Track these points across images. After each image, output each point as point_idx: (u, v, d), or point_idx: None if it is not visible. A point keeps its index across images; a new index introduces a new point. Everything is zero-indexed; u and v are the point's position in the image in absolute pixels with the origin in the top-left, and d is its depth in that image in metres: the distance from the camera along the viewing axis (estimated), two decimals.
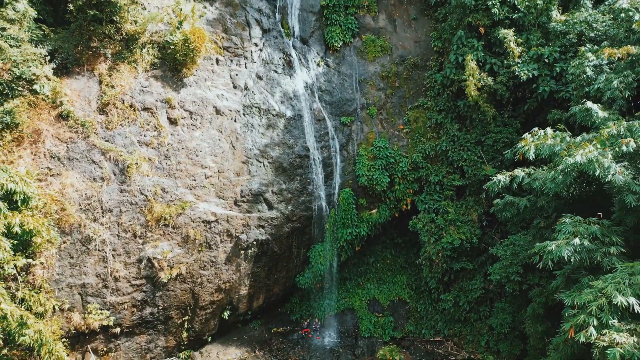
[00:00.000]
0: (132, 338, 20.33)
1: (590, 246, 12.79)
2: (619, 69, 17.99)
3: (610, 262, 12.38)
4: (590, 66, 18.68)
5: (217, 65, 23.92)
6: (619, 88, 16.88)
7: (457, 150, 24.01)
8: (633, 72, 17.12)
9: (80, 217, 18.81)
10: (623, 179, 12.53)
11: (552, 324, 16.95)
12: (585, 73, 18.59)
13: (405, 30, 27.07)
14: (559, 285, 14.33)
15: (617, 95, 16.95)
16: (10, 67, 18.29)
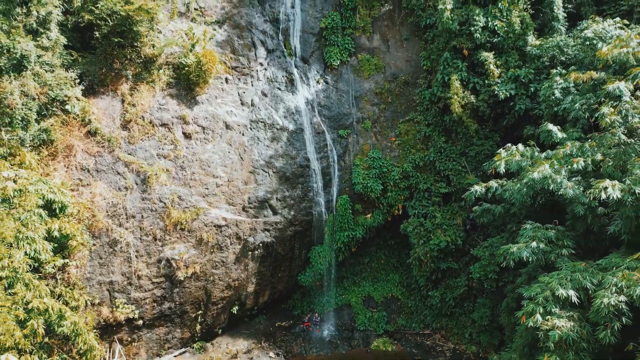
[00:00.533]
0: (153, 330, 22.82)
1: (546, 248, 15.28)
2: (583, 91, 20.43)
3: (562, 262, 14.84)
4: (558, 88, 21.17)
5: (226, 83, 26.40)
6: (582, 109, 19.34)
7: (443, 161, 26.49)
8: (594, 95, 19.57)
9: (107, 222, 21.31)
10: (573, 192, 14.99)
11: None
12: (554, 94, 21.07)
13: (397, 50, 29.56)
14: (522, 281, 16.79)
15: (580, 115, 19.42)
16: (47, 90, 20.83)
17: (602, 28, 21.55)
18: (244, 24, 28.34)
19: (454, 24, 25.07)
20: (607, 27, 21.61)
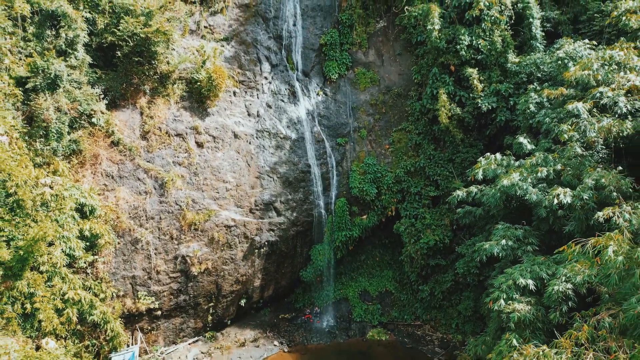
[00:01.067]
0: (169, 320, 25.34)
1: (514, 245, 17.81)
2: (555, 106, 22.92)
3: (526, 257, 17.36)
4: (533, 103, 23.67)
5: (234, 96, 28.92)
6: (552, 122, 21.81)
7: (432, 167, 29.00)
8: (564, 110, 22.05)
9: (130, 223, 23.83)
10: (536, 197, 17.50)
11: None
12: (529, 108, 23.58)
13: (391, 64, 32.08)
14: (495, 274, 19.30)
15: (551, 128, 21.85)
16: (76, 105, 23.33)
17: (573, 49, 24.00)
18: (249, 41, 30.85)
19: (442, 42, 27.60)
20: (577, 48, 24.03)
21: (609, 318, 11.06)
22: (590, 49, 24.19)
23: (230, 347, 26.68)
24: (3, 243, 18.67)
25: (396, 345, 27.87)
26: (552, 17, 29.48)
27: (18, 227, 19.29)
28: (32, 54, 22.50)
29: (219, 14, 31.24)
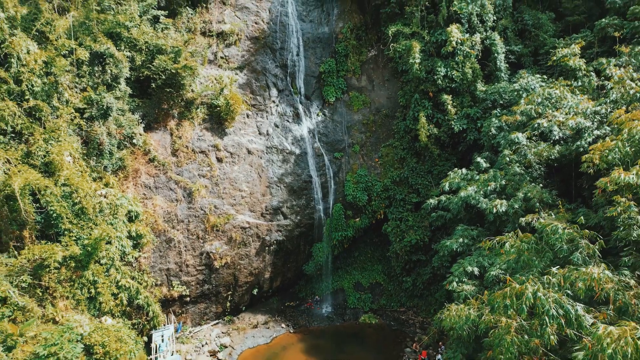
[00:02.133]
0: (196, 305, 30.67)
1: (469, 242, 23.12)
2: (512, 129, 28.26)
3: (476, 250, 22.66)
4: (494, 126, 28.97)
5: (247, 118, 34.26)
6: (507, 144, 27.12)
7: (414, 177, 34.34)
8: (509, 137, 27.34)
9: (164, 225, 29.15)
10: (485, 206, 22.81)
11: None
12: (491, 131, 28.89)
13: (380, 88, 37.42)
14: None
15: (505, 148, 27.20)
16: (122, 130, 28.67)
17: (526, 82, 29.35)
18: (259, 69, 36.21)
19: (422, 73, 32.97)
20: (530, 82, 29.38)
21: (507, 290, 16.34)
22: (542, 80, 29.59)
23: (245, 329, 32.03)
24: (73, 242, 24.01)
25: (384, 327, 33.21)
26: (516, 50, 34.85)
27: (83, 229, 24.61)
28: (87, 88, 27.82)
29: (233, 45, 36.62)
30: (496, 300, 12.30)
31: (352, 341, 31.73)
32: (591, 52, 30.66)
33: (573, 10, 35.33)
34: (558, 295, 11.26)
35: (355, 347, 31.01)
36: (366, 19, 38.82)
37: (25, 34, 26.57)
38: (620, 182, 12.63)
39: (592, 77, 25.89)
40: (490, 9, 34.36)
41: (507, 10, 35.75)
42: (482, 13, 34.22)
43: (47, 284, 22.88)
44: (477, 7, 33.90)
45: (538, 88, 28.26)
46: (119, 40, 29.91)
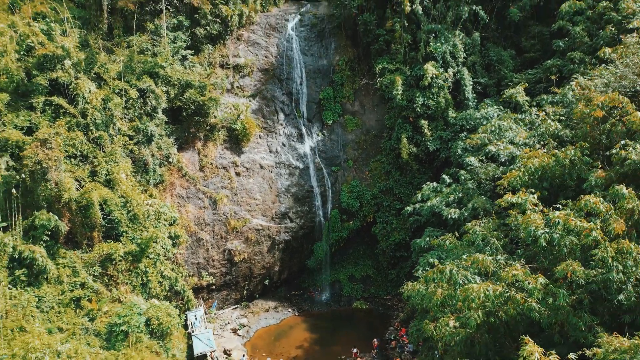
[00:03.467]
0: (219, 292, 37.78)
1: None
2: (474, 151, 35.28)
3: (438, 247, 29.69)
4: (460, 147, 35.98)
5: (260, 139, 41.37)
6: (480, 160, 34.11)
7: (398, 187, 41.42)
8: (478, 154, 34.38)
9: (195, 228, 36.24)
10: (446, 213, 29.83)
11: None
12: (457, 152, 35.92)
13: (370, 112, 44.53)
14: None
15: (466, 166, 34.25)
16: (161, 152, 35.77)
17: (486, 112, 36.41)
18: (269, 97, 43.32)
19: (404, 102, 40.07)
20: (490, 111, 36.42)
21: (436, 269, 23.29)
22: (500, 110, 36.60)
23: (259, 312, 39.13)
24: (129, 241, 31.13)
25: (372, 311, 40.31)
26: (482, 81, 41.97)
27: (136, 231, 31.73)
28: (134, 119, 34.95)
29: (247, 76, 43.78)
30: (429, 276, 19.26)
31: (346, 322, 38.85)
32: (540, 87, 37.71)
33: (530, 48, 42.42)
34: (466, 272, 18.25)
35: (348, 326, 38.12)
36: (359, 53, 45.94)
37: (86, 76, 33.75)
38: (509, 202, 19.64)
39: (533, 112, 32.92)
40: (460, 48, 41.43)
41: (475, 47, 42.81)
42: (454, 51, 41.25)
43: (112, 273, 30.03)
44: (450, 46, 40.98)
45: (495, 117, 35.31)
46: (157, 78, 36.99)
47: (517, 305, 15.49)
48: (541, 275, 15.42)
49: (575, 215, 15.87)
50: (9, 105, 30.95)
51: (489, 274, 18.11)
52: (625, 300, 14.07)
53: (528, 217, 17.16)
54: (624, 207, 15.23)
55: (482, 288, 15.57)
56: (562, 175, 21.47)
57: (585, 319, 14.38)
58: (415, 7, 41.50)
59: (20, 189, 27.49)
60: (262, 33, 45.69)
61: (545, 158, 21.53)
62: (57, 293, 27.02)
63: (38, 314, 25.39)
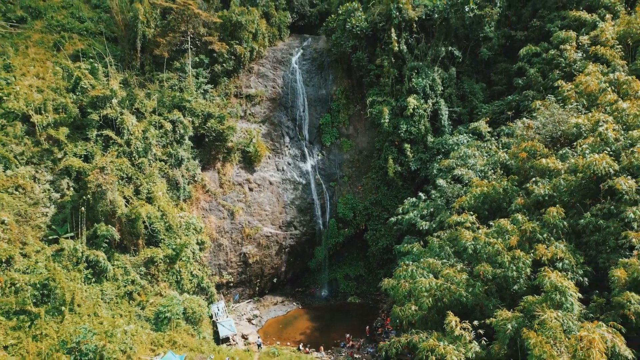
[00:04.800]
0: (236, 288, 45.38)
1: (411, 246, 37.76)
2: (447, 170, 42.80)
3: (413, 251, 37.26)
4: (435, 168, 43.55)
5: (269, 159, 48.97)
6: (446, 181, 41.72)
7: (385, 200, 48.98)
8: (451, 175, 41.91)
9: (216, 235, 43.84)
10: (419, 225, 37.37)
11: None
12: (433, 172, 43.49)
13: (363, 135, 52.11)
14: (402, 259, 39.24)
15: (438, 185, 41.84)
16: (189, 172, 43.37)
17: (457, 139, 43.96)
18: (276, 122, 50.92)
19: (390, 128, 47.62)
20: (461, 138, 43.98)
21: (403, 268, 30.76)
22: (469, 137, 44.14)
23: (268, 305, 46.72)
24: (166, 246, 38.72)
25: (364, 305, 47.87)
26: (457, 110, 49.56)
27: (171, 239, 39.29)
28: (167, 145, 42.56)
29: (257, 105, 51.39)
30: (398, 274, 26.70)
31: (341, 314, 46.42)
32: (503, 117, 45.21)
33: (498, 82, 50.01)
34: (422, 271, 25.65)
35: (343, 317, 45.68)
36: (353, 84, 53.53)
37: (128, 111, 41.37)
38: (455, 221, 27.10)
39: (493, 142, 40.45)
40: (439, 82, 48.99)
41: (452, 80, 50.37)
42: (433, 84, 48.82)
43: (153, 272, 37.62)
44: (430, 80, 48.57)
45: (464, 143, 42.87)
46: (184, 110, 44.64)
47: (452, 293, 23.07)
48: (465, 272, 23.02)
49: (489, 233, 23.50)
50: (67, 137, 38.62)
51: (437, 273, 25.68)
52: (518, 289, 21.63)
53: (462, 233, 24.76)
54: (521, 227, 22.82)
55: (427, 281, 23.17)
56: (498, 200, 29.05)
57: (493, 302, 21.96)
58: (401, 46, 49.12)
59: (85, 206, 35.08)
60: (270, 66, 53.32)
61: (486, 187, 29.13)
62: (115, 288, 34.63)
63: (103, 304, 32.99)
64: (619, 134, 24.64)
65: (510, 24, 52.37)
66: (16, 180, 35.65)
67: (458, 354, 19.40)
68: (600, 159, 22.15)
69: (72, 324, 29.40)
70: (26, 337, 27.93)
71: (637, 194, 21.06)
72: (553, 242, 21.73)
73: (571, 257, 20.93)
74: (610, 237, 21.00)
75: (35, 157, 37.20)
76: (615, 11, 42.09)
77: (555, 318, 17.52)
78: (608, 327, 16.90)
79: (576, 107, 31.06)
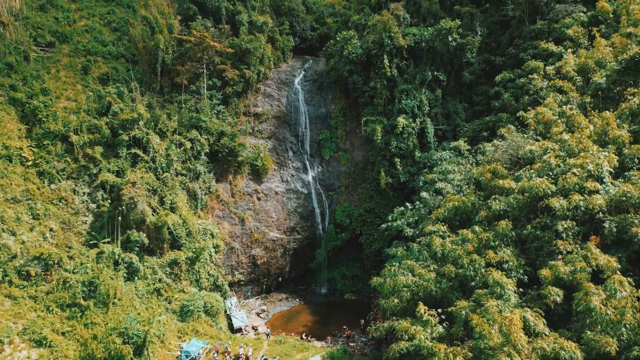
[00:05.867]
0: (246, 286, 51.49)
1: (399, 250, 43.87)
2: (431, 183, 48.92)
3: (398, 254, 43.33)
4: (421, 181, 49.62)
5: (275, 172, 55.08)
6: (429, 193, 47.81)
7: (378, 208, 55.00)
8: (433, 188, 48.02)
9: (229, 239, 49.94)
10: (405, 231, 43.40)
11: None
12: (419, 184, 49.57)
13: (358, 149, 58.20)
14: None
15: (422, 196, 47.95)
16: (205, 185, 49.45)
17: (441, 155, 50.03)
18: (281, 138, 57.03)
19: (382, 144, 53.70)
20: (444, 154, 50.03)
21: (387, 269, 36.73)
22: (451, 153, 50.23)
23: (274, 301, 52.81)
24: (187, 250, 44.80)
25: (359, 301, 53.95)
26: (442, 128, 55.63)
27: (191, 243, 45.40)
28: (186, 161, 48.67)
29: (264, 122, 57.51)
30: (384, 273, 32.72)
31: (339, 309, 52.49)
32: (482, 135, 51.26)
33: (478, 103, 56.08)
34: (403, 270, 31.70)
35: (341, 312, 51.75)
36: (349, 103, 59.66)
37: (152, 131, 47.47)
38: (430, 230, 33.13)
39: (471, 158, 46.51)
40: (426, 102, 55.07)
41: (437, 101, 56.46)
42: (421, 105, 54.91)
43: (176, 272, 43.72)
44: (417, 102, 54.66)
45: (447, 159, 48.93)
46: (201, 129, 50.77)
47: (425, 289, 29.11)
48: (434, 272, 29.12)
49: (455, 241, 29.59)
50: (101, 154, 44.72)
51: (414, 272, 31.75)
52: (475, 285, 27.64)
53: (434, 240, 30.85)
54: (478, 236, 28.91)
55: (405, 279, 29.26)
56: (467, 212, 35.10)
57: (456, 295, 28.00)
58: (392, 71, 55.24)
59: (120, 215, 41.17)
60: (275, 87, 59.46)
61: (457, 202, 35.19)
62: (145, 285, 40.71)
63: (137, 298, 39.07)
64: (560, 160, 30.74)
65: (490, 49, 58.45)
66: (59, 193, 41.82)
67: (425, 334, 25.47)
68: (540, 183, 28.24)
69: (115, 314, 35.49)
70: (78, 325, 34.04)
71: (567, 210, 27.10)
72: (502, 248, 27.77)
73: (515, 260, 26.99)
74: (545, 245, 27.05)
75: (75, 173, 43.34)
76: (579, 43, 48.17)
77: (495, 305, 23.56)
78: (532, 311, 22.97)
79: (532, 134, 37.16)
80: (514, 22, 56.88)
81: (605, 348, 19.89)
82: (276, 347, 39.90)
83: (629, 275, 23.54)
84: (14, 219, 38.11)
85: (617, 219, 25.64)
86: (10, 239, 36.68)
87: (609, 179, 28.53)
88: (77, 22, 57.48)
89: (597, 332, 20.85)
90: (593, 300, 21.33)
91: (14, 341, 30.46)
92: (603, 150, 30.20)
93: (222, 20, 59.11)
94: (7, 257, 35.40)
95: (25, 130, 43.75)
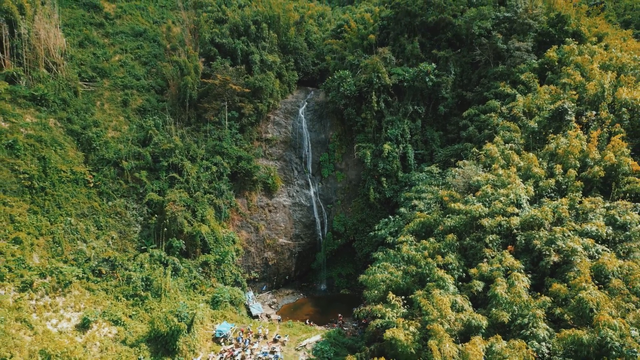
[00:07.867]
0: (260, 283, 63.17)
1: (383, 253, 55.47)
2: (409, 200, 60.59)
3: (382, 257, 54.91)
4: (403, 197, 61.22)
5: (283, 188, 66.72)
6: (407, 209, 59.48)
7: (369, 219, 66.52)
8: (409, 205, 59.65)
9: (246, 244, 61.59)
10: (387, 239, 54.95)
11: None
12: (401, 200, 61.18)
13: (353, 169, 69.80)
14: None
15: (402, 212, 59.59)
16: (228, 200, 61.19)
17: (418, 176, 61.57)
18: (288, 160, 68.70)
19: (371, 166, 65.29)
20: (421, 175, 61.56)
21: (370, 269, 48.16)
22: (428, 174, 61.83)
23: (283, 295, 64.47)
24: (215, 254, 56.40)
25: (352, 296, 65.54)
26: (421, 152, 67.26)
27: (218, 248, 57.00)
28: (212, 181, 60.28)
29: (273, 146, 69.15)
30: (368, 271, 44.24)
31: (336, 302, 64.10)
32: (453, 160, 62.76)
33: (451, 131, 67.64)
34: (382, 270, 43.07)
35: (337, 304, 63.34)
36: (345, 129, 71.30)
37: (185, 157, 59.15)
38: (400, 240, 44.76)
39: (440, 180, 57.96)
40: (407, 131, 66.64)
41: (417, 129, 68.06)
42: (404, 133, 66.46)
43: (207, 271, 55.38)
44: (400, 130, 66.23)
45: (423, 180, 60.48)
46: (223, 155, 62.43)
47: (395, 283, 40.64)
48: (401, 271, 40.72)
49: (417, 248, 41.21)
50: (146, 177, 56.36)
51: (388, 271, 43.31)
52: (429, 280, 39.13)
53: (403, 247, 42.47)
54: (433, 245, 40.52)
55: (381, 276, 40.85)
56: (430, 226, 46.64)
57: (417, 287, 39.57)
58: (380, 105, 66.88)
59: (164, 227, 52.80)
60: (282, 116, 71.09)
61: (423, 218, 46.78)
62: (184, 281, 52.32)
63: (179, 292, 50.67)
64: (494, 190, 42.33)
65: (462, 85, 70.05)
66: (115, 209, 53.46)
67: (393, 313, 37.02)
68: (476, 207, 39.83)
69: (166, 303, 47.09)
70: (140, 310, 45.64)
71: (494, 227, 38.64)
72: (449, 254, 39.30)
73: (457, 262, 38.52)
74: (478, 252, 38.62)
75: (126, 192, 54.99)
76: (529, 87, 59.76)
77: (439, 293, 35.09)
78: (462, 296, 34.54)
79: (481, 167, 48.80)
80: (482, 64, 68.45)
81: (501, 318, 31.46)
82: (286, 329, 51.47)
83: (530, 272, 35.24)
84: (85, 230, 49.74)
85: (525, 234, 37.27)
86: (83, 245, 48.33)
87: (527, 205, 40.17)
88: (112, 57, 68.92)
89: (499, 309, 32.43)
90: (498, 289, 32.92)
91: (98, 321, 42.02)
92: (525, 182, 41.87)
93: (237, 59, 70.80)
94: (84, 259, 46.99)
95: (83, 157, 55.43)
